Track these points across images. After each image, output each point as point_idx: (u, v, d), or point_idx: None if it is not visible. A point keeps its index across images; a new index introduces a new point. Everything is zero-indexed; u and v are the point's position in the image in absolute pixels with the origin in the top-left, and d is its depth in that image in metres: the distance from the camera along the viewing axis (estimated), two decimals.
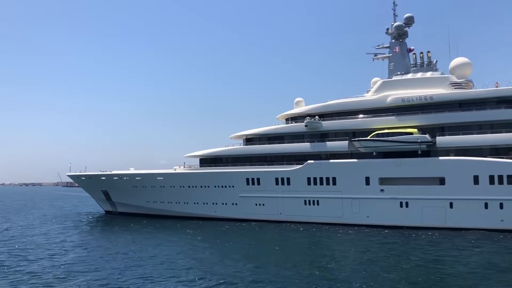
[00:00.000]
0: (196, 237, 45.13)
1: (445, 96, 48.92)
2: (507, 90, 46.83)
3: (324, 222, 51.39)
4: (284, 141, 57.13)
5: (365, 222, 49.30)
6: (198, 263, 32.49)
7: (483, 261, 31.58)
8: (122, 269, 31.11)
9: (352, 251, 36.80)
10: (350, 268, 29.88)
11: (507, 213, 43.28)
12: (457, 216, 45.18)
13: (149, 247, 39.61)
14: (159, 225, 55.35)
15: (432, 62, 53.90)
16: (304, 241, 42.10)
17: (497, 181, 43.75)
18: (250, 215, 56.21)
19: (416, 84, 51.63)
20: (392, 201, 48.23)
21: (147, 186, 64.55)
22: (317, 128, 54.64)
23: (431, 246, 37.73)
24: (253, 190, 55.89)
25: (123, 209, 69.81)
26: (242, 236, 45.90)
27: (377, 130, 50.56)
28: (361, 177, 49.98)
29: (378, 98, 52.50)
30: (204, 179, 59.39)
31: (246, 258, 34.28)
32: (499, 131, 45.63)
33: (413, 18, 55.95)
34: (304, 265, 31.36)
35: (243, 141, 61.74)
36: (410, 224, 47.08)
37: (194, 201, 60.59)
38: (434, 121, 48.61)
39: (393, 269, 29.86)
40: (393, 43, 56.44)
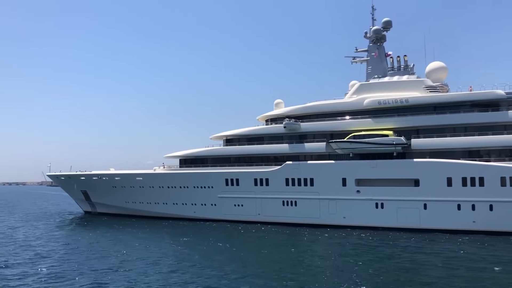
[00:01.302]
0: (167, 238, 45.22)
1: (420, 99, 49.82)
2: (480, 94, 47.89)
3: (301, 223, 51.84)
4: (263, 142, 57.53)
5: (342, 223, 49.85)
6: (156, 266, 31.99)
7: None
8: (79, 267, 31.14)
9: (326, 255, 37.25)
10: (321, 273, 30.07)
11: (478, 214, 44.20)
12: (431, 217, 45.99)
13: (113, 247, 39.55)
14: (137, 226, 55.23)
15: (408, 66, 54.85)
16: (275, 243, 42.50)
17: (470, 183, 44.67)
18: (229, 215, 56.41)
19: (393, 87, 52.50)
20: (367, 202, 48.89)
21: (126, 186, 64.36)
22: (295, 129, 55.13)
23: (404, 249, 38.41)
24: (232, 190, 56.12)
25: (103, 209, 69.46)
26: (218, 237, 46.14)
27: (354, 132, 51.24)
28: (338, 178, 50.55)
29: (356, 101, 53.22)
30: (183, 179, 59.45)
31: (215, 260, 34.44)
32: (472, 134, 46.62)
33: (391, 22, 56.90)
34: (275, 270, 31.65)
35: (223, 141, 61.98)
36: (385, 225, 47.77)
37: (173, 202, 60.61)
38: (410, 124, 49.46)
39: (366, 273, 30.33)
40: (371, 47, 57.28)
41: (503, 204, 43.30)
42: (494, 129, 46.26)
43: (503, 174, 43.47)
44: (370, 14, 58.25)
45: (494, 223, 43.48)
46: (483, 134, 46.12)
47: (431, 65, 53.11)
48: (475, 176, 44.50)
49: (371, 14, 58.22)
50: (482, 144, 46.02)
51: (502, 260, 32.44)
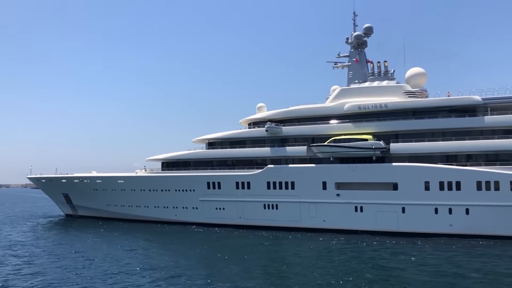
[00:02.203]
0: (141, 241, 45.04)
1: (399, 104, 50.51)
2: (458, 99, 48.73)
3: (282, 226, 52.02)
4: (245, 146, 57.73)
5: (322, 226, 50.15)
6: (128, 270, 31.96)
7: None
8: (60, 272, 30.95)
9: (304, 258, 37.50)
10: (299, 277, 30.24)
11: (455, 218, 44.87)
12: (409, 221, 46.53)
13: (89, 251, 39.37)
14: (117, 229, 55.01)
15: (389, 72, 55.58)
16: (254, 247, 42.67)
17: (447, 187, 45.37)
18: (210, 219, 56.41)
19: (372, 92, 53.17)
20: (347, 206, 49.30)
21: (108, 189, 63.98)
22: (277, 133, 55.45)
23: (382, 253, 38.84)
24: (213, 194, 56.14)
25: (84, 212, 68.93)
26: (198, 241, 46.20)
27: (334, 136, 51.71)
28: (318, 181, 50.91)
29: (336, 105, 53.76)
30: (164, 182, 59.33)
31: (193, 264, 34.54)
32: (449, 139, 47.38)
33: (372, 28, 57.62)
34: (252, 274, 31.79)
35: (206, 145, 62.05)
36: (364, 228, 48.22)
37: (155, 205, 60.41)
38: (389, 128, 50.08)
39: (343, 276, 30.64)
40: (353, 52, 57.95)
41: (478, 208, 44.02)
42: (471, 134, 47.07)
43: (479, 179, 44.21)
44: (352, 20, 59.00)
45: (470, 227, 44.13)
46: (460, 139, 46.90)
47: (411, 71, 53.93)
48: (452, 180, 45.18)
49: (353, 20, 58.99)
50: (459, 149, 46.79)
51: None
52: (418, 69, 53.66)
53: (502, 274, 29.62)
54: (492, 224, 43.33)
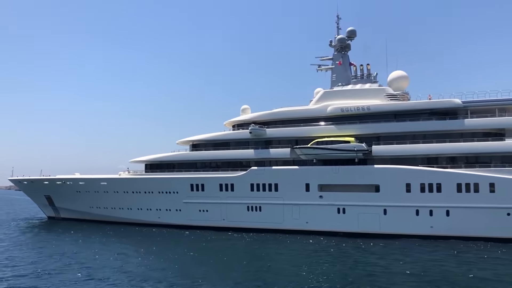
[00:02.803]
0: (121, 244, 44.68)
1: (381, 107, 50.99)
2: (438, 102, 49.36)
3: (265, 228, 52.07)
4: (229, 148, 57.70)
5: (305, 228, 50.34)
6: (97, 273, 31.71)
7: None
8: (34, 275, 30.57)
9: (287, 260, 37.63)
10: (282, 279, 30.23)
11: (436, 220, 45.37)
12: (390, 223, 46.93)
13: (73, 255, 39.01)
14: (99, 232, 54.53)
15: (371, 74, 56.02)
16: (237, 249, 42.69)
17: (428, 189, 45.88)
18: (194, 221, 56.21)
19: (355, 95, 53.60)
20: (330, 207, 49.56)
21: (91, 191, 63.46)
22: (261, 135, 55.55)
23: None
24: (197, 196, 55.99)
25: (66, 214, 68.25)
26: (180, 244, 46.08)
27: (317, 138, 51.98)
28: (302, 183, 51.10)
29: (319, 108, 54.08)
30: (147, 184, 59.04)
31: (175, 268, 34.40)
32: (430, 142, 47.91)
33: (355, 31, 58.04)
34: (236, 276, 31.80)
35: (190, 146, 61.84)
36: (346, 230, 48.49)
37: (138, 207, 60.05)
38: (371, 131, 50.50)
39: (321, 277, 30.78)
40: (336, 55, 58.33)
41: (459, 209, 44.59)
42: (451, 137, 47.61)
43: (459, 181, 44.81)
44: (335, 23, 59.42)
45: (450, 228, 44.67)
46: (441, 142, 47.45)
47: (393, 74, 54.46)
48: (433, 182, 45.71)
49: (336, 23, 59.40)
50: (439, 151, 47.35)
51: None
52: (400, 72, 54.21)
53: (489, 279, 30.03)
54: (472, 226, 43.89)
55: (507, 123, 46.99)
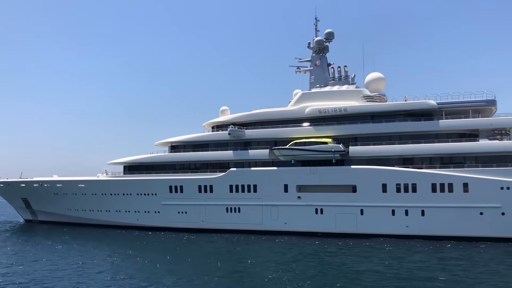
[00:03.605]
0: (97, 248, 44.34)
1: (357, 108, 51.53)
2: (414, 104, 50.10)
3: (244, 229, 52.13)
4: (208, 149, 57.66)
5: (283, 229, 50.55)
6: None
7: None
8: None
9: (264, 261, 37.76)
10: (259, 280, 30.38)
11: (411, 220, 45.99)
12: (367, 223, 47.44)
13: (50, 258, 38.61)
14: (77, 235, 54.05)
15: (349, 76, 56.56)
16: (215, 250, 42.70)
17: (403, 189, 46.50)
18: (173, 223, 55.95)
19: (333, 97, 54.07)
20: (308, 208, 49.87)
21: (69, 193, 62.72)
22: (240, 136, 55.64)
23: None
24: (176, 198, 55.78)
25: (44, 217, 67.28)
26: (158, 246, 45.89)
27: (296, 139, 52.26)
28: (280, 184, 51.32)
29: (298, 109, 54.42)
30: (126, 186, 58.60)
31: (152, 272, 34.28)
32: (406, 142, 48.57)
33: (333, 33, 58.51)
34: (213, 279, 31.83)
35: (169, 148, 61.57)
36: (324, 230, 48.84)
37: (116, 209, 59.55)
38: (348, 132, 50.99)
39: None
40: (314, 57, 58.73)
41: (433, 209, 45.29)
42: (426, 138, 48.32)
43: (434, 181, 45.51)
44: (314, 25, 59.86)
45: (425, 228, 45.35)
46: (416, 142, 48.13)
47: (370, 75, 55.04)
48: (408, 183, 46.35)
49: (314, 25, 59.87)
50: (415, 152, 48.01)
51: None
52: (377, 74, 54.83)
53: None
54: (446, 225, 44.63)
55: (481, 124, 47.94)
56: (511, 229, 42.82)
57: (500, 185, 43.37)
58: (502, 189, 43.28)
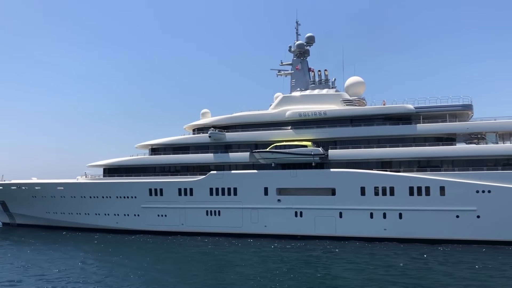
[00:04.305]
0: (78, 251, 44.05)
1: (337, 112, 51.95)
2: (392, 108, 50.68)
3: (224, 232, 52.07)
4: (189, 152, 57.49)
5: (263, 232, 50.59)
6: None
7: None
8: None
9: (243, 264, 37.76)
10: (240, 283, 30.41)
11: (389, 222, 46.47)
12: (346, 225, 47.76)
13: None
14: (55, 239, 53.42)
15: (329, 80, 57.02)
16: (195, 254, 42.59)
17: (381, 192, 46.97)
18: (152, 226, 55.62)
19: (313, 100, 54.43)
20: (287, 211, 50.03)
21: (47, 196, 61.88)
22: (220, 139, 55.62)
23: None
24: (155, 200, 55.46)
25: (22, 220, 66.24)
26: (137, 250, 45.57)
27: (276, 142, 52.44)
28: (260, 187, 51.40)
29: (278, 112, 54.65)
30: (105, 189, 58.08)
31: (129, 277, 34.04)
32: (384, 146, 49.10)
33: (313, 37, 58.91)
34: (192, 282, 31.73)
35: (149, 150, 61.23)
36: (304, 233, 49.05)
37: (96, 212, 58.95)
38: (327, 135, 51.35)
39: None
40: (295, 61, 59.07)
41: (411, 212, 45.83)
42: (404, 141, 48.96)
43: (411, 184, 46.05)
44: (295, 29, 60.20)
45: (403, 231, 45.82)
46: (394, 146, 48.70)
47: (350, 80, 55.53)
48: (386, 186, 46.84)
49: (296, 29, 60.21)
50: (393, 156, 48.53)
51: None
52: (357, 78, 55.34)
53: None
54: (423, 228, 45.17)
55: (458, 128, 48.67)
56: (486, 232, 43.50)
57: (475, 188, 44.08)
58: (478, 193, 43.99)
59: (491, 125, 47.90)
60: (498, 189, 43.39)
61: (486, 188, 43.73)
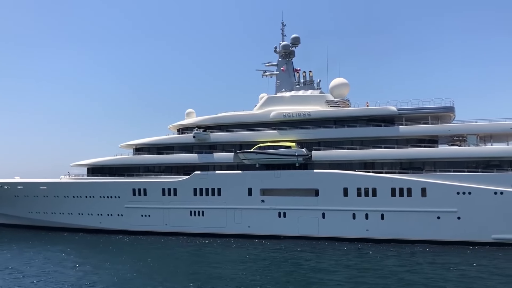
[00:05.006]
0: (58, 253, 43.46)
1: (321, 113, 52.19)
2: (375, 109, 51.08)
3: (208, 233, 52.05)
4: (173, 152, 57.32)
5: (246, 232, 50.63)
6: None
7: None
8: None
9: (226, 264, 37.78)
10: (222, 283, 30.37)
11: (371, 223, 46.80)
12: (329, 226, 48.01)
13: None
14: (37, 239, 52.93)
15: (314, 81, 57.24)
16: (178, 255, 42.50)
17: (364, 193, 47.29)
18: (136, 226, 55.35)
19: (297, 101, 54.63)
20: (271, 211, 50.14)
21: (30, 195, 61.27)
22: (205, 139, 55.55)
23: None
24: (139, 201, 55.20)
25: (4, 220, 65.37)
26: (121, 250, 45.36)
27: (260, 143, 52.52)
28: (244, 188, 51.43)
29: (263, 113, 54.75)
30: (88, 189, 57.69)
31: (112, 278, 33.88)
32: (367, 147, 49.44)
33: (299, 38, 59.02)
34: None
35: (133, 150, 60.90)
36: (287, 234, 49.17)
37: (79, 212, 58.51)
38: (311, 136, 51.55)
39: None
40: (281, 62, 59.18)
41: (392, 213, 46.20)
42: (387, 143, 49.28)
43: (393, 185, 46.40)
44: (280, 29, 60.31)
45: (385, 231, 46.18)
46: (376, 148, 49.04)
47: (334, 81, 55.72)
48: (369, 187, 47.15)
49: (281, 30, 60.31)
50: (375, 157, 48.89)
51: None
52: (341, 80, 55.55)
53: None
54: (405, 229, 45.56)
55: (439, 130, 49.21)
56: (466, 233, 44.00)
57: (456, 190, 44.58)
58: (459, 194, 44.50)
59: (472, 128, 48.43)
60: (478, 191, 43.92)
61: (467, 190, 44.24)
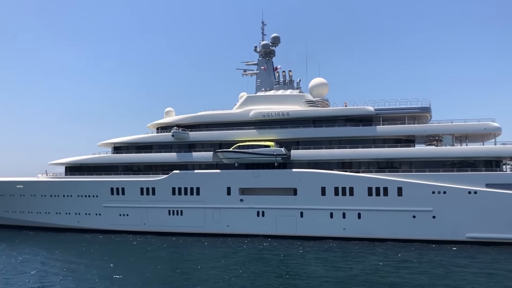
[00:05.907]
0: (34, 253, 43.14)
1: (299, 113, 52.44)
2: (353, 109, 51.53)
3: (187, 232, 51.92)
4: (152, 151, 57.01)
5: (225, 231, 50.69)
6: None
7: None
8: None
9: (204, 264, 37.74)
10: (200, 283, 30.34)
11: (348, 222, 47.22)
12: (306, 225, 48.32)
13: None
14: (13, 239, 52.17)
15: (293, 81, 57.48)
16: (156, 254, 42.31)
17: (341, 193, 47.68)
18: (114, 225, 54.95)
19: (276, 101, 54.81)
20: (250, 211, 50.25)
21: (6, 194, 60.34)
22: (184, 138, 55.37)
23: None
24: (117, 200, 54.80)
25: None
26: (97, 250, 44.98)
27: (240, 142, 52.57)
28: (223, 187, 51.45)
29: (242, 112, 54.80)
30: (66, 188, 57.07)
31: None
32: (344, 147, 49.84)
33: (279, 38, 59.20)
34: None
35: (112, 149, 60.42)
36: (265, 233, 49.33)
37: (56, 211, 57.85)
38: (290, 136, 51.79)
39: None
40: (261, 61, 59.27)
41: (369, 212, 46.68)
42: (364, 143, 49.75)
43: (370, 185, 46.89)
44: (261, 29, 60.39)
45: (361, 230, 46.66)
46: (354, 147, 49.48)
47: (313, 81, 56.07)
48: (346, 186, 47.57)
49: (261, 29, 60.40)
50: (353, 156, 49.32)
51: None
52: (320, 80, 55.92)
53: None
54: (381, 228, 46.09)
55: (416, 130, 49.85)
56: (441, 232, 44.69)
57: (431, 189, 45.23)
58: (434, 193, 45.15)
59: (448, 128, 49.16)
60: (453, 190, 44.63)
61: (442, 189, 44.93)
